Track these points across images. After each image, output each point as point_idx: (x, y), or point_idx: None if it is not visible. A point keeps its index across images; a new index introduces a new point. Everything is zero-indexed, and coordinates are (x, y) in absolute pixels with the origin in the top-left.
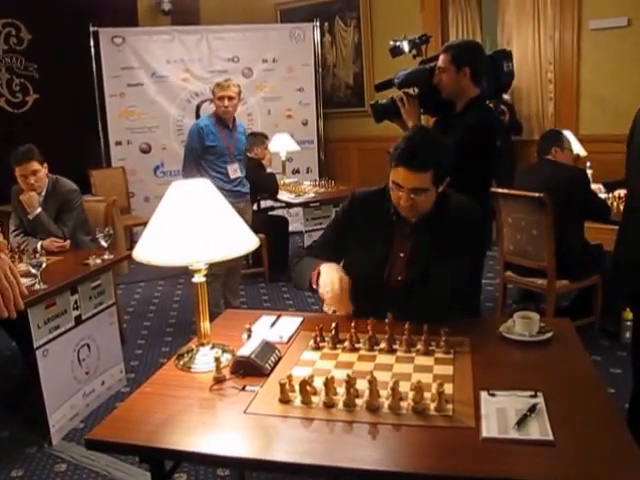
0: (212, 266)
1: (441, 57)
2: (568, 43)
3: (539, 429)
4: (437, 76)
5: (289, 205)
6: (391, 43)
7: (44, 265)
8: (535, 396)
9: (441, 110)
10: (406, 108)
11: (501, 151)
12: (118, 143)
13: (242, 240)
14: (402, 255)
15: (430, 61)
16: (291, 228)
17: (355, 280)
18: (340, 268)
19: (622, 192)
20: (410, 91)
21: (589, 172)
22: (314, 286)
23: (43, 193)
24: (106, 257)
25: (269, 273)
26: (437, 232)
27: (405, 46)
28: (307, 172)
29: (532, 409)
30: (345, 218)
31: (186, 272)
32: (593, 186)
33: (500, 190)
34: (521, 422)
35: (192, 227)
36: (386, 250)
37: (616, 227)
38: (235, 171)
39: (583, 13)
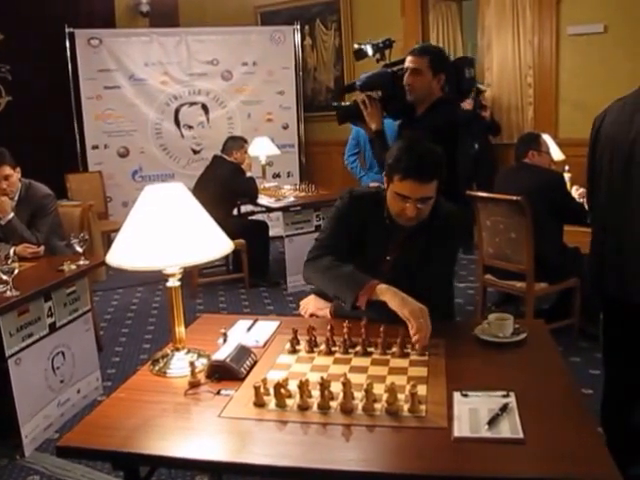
0: None
1: (416, 59)
2: (547, 48)
3: (510, 428)
4: (408, 77)
5: (269, 210)
6: (355, 46)
7: (16, 271)
8: (507, 396)
9: (403, 114)
10: (368, 111)
11: (477, 152)
12: (95, 147)
13: (216, 244)
14: (388, 259)
15: (394, 65)
16: (271, 233)
17: None
18: (405, 294)
19: None
20: (373, 94)
21: (567, 176)
22: (361, 305)
23: (16, 198)
24: (81, 263)
25: (249, 278)
26: (428, 238)
27: (369, 49)
28: (288, 176)
29: (504, 408)
30: (346, 215)
31: (165, 278)
32: (579, 190)
33: (479, 193)
34: (492, 421)
35: (165, 231)
36: (377, 254)
37: None
38: None
39: (561, 19)
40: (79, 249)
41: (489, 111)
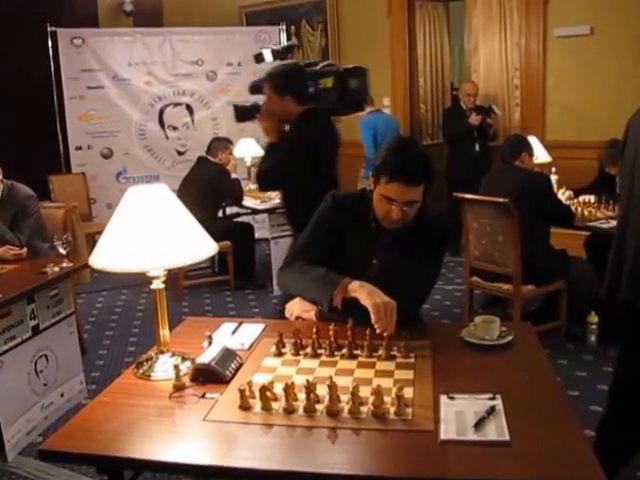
0: None
1: (264, 85)
2: (534, 50)
3: (496, 430)
4: (264, 103)
5: (255, 211)
6: (258, 50)
7: None
8: (494, 398)
9: None
10: (264, 125)
11: (477, 153)
12: (78, 148)
13: (200, 246)
14: (375, 262)
15: None
16: (257, 235)
17: None
18: (377, 289)
19: (587, 198)
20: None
21: (554, 178)
22: (337, 305)
23: None
24: (65, 265)
25: (235, 281)
26: (412, 240)
27: (268, 55)
28: None
29: (490, 411)
30: (329, 219)
31: (150, 281)
32: (566, 193)
33: (466, 195)
34: (479, 424)
35: (149, 233)
36: (363, 256)
37: (580, 232)
38: None
39: (548, 21)
40: (62, 251)
41: (493, 129)
